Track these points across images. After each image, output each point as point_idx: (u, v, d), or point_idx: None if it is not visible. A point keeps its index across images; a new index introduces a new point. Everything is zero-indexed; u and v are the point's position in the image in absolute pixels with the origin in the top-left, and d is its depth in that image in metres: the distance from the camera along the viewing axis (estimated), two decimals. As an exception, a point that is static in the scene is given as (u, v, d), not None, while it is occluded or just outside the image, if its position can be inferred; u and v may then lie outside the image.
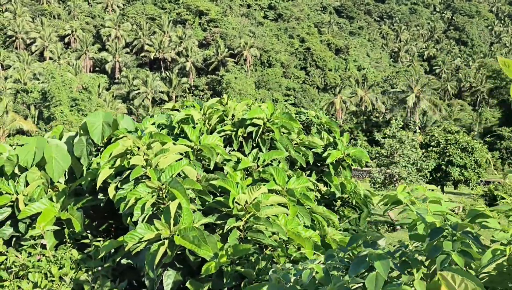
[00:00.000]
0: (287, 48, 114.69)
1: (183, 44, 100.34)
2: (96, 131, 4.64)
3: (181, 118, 4.93)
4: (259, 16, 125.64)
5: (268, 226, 3.36)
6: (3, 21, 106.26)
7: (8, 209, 4.32)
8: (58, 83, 75.16)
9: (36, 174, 4.50)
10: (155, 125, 4.92)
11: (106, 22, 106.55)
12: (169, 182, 3.37)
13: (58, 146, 4.62)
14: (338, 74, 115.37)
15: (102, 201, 4.27)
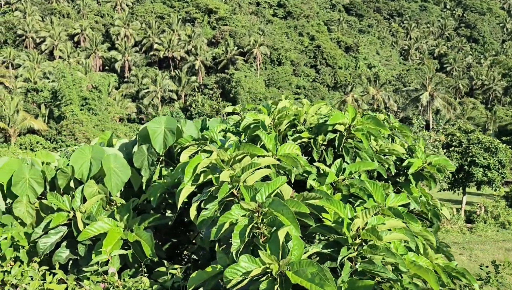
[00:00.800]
0: (296, 46, 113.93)
1: (192, 42, 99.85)
2: (158, 138, 4.11)
3: (249, 123, 4.39)
4: (268, 14, 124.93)
5: (389, 256, 2.80)
6: (13, 20, 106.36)
7: (63, 229, 3.80)
8: (68, 82, 74.94)
9: (93, 188, 3.98)
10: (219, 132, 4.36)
11: (116, 21, 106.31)
12: (268, 203, 2.82)
13: (116, 156, 4.09)
14: (348, 72, 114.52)
15: (170, 220, 3.74)
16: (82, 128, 72.15)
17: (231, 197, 3.18)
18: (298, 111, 4.52)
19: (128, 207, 3.75)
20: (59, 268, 3.73)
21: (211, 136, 3.92)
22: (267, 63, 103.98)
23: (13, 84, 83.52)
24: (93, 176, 4.00)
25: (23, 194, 3.91)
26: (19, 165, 4.01)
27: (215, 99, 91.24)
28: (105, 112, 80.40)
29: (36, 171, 3.97)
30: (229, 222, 2.83)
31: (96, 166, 3.97)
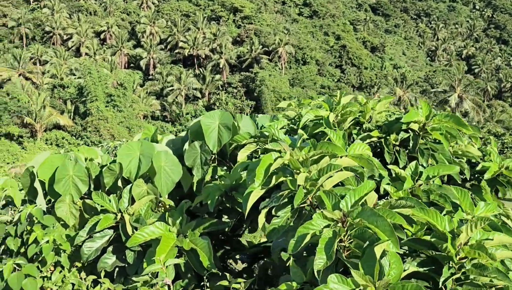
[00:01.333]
0: (322, 45, 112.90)
1: (217, 41, 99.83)
2: (212, 135, 3.72)
3: (309, 119, 3.97)
4: (293, 13, 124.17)
5: (501, 279, 2.35)
6: (41, 17, 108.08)
7: (110, 232, 3.45)
8: (94, 79, 75.73)
9: (142, 188, 3.62)
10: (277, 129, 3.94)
11: (142, 18, 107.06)
12: (357, 213, 2.39)
13: (167, 154, 3.71)
14: (374, 73, 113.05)
15: (227, 225, 3.35)
16: (107, 125, 72.86)
17: (304, 204, 2.77)
18: (364, 108, 4.07)
19: (181, 210, 3.37)
20: (105, 276, 3.38)
21: (272, 133, 3.51)
22: (292, 62, 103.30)
23: (40, 80, 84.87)
24: (141, 175, 3.65)
25: (66, 193, 3.56)
26: (62, 161, 3.67)
27: (239, 97, 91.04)
28: (130, 109, 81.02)
29: (81, 168, 3.63)
30: (310, 234, 2.41)
31: (145, 164, 3.60)
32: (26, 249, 3.51)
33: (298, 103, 4.74)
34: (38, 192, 3.65)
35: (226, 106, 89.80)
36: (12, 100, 67.10)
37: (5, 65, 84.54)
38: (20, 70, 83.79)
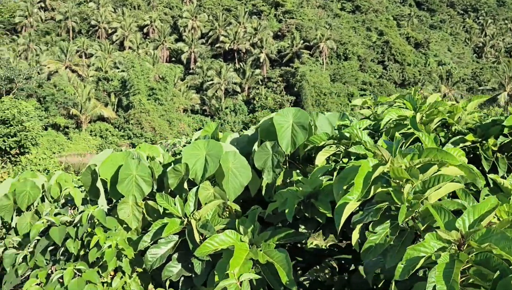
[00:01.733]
0: (364, 41, 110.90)
1: (258, 35, 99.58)
2: (285, 135, 3.37)
3: (391, 119, 3.56)
4: (336, 7, 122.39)
5: None
6: (87, 11, 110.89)
7: (175, 238, 3.17)
8: (137, 72, 77.01)
9: (209, 191, 3.32)
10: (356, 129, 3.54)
11: (184, 13, 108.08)
12: (481, 235, 1.99)
13: (236, 154, 3.40)
14: (417, 69, 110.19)
15: (305, 237, 3.00)
16: (148, 118, 74.04)
17: (412, 221, 2.39)
18: (454, 107, 3.63)
19: (253, 218, 3.05)
20: (170, 286, 3.11)
21: (355, 134, 3.14)
22: (333, 57, 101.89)
23: (85, 72, 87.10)
24: (208, 177, 3.35)
25: (129, 193, 3.31)
26: (125, 160, 3.42)
27: (278, 92, 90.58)
28: (171, 103, 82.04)
29: (144, 167, 3.37)
30: (424, 258, 2.03)
31: (213, 165, 3.30)
32: (87, 252, 3.28)
33: (374, 100, 4.32)
34: (100, 192, 3.41)
35: (266, 100, 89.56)
36: (59, 92, 69.11)
37: (52, 57, 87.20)
38: (66, 63, 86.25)
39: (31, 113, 21.10)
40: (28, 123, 19.77)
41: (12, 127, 19.85)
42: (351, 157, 3.21)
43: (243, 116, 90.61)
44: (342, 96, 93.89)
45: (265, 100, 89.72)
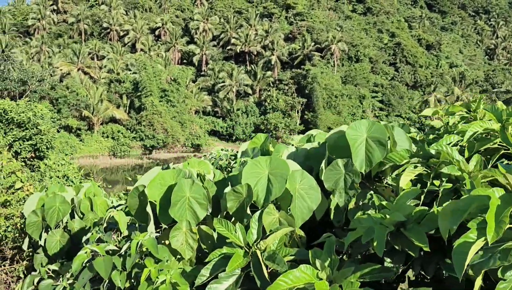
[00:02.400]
0: (375, 42, 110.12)
1: (269, 37, 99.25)
2: (359, 151, 2.95)
3: (476, 133, 3.12)
4: (347, 9, 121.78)
5: None
6: (99, 14, 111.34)
7: (238, 271, 2.74)
8: (149, 74, 76.99)
9: (274, 216, 2.90)
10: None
11: (195, 15, 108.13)
12: None
13: (303, 174, 2.97)
14: (429, 71, 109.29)
15: (393, 273, 2.56)
16: (160, 119, 73.94)
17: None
18: (547, 120, 3.16)
19: (330, 250, 2.62)
20: (232, 327, 2.68)
21: (445, 152, 2.70)
22: (345, 59, 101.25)
23: (97, 74, 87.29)
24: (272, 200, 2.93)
25: (182, 219, 2.90)
26: (177, 179, 3.01)
27: (290, 94, 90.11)
28: (183, 104, 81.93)
29: (199, 188, 2.94)
30: None
31: (278, 187, 2.88)
32: (133, 284, 2.86)
33: (445, 110, 3.86)
34: (150, 218, 3.00)
35: (277, 102, 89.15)
36: (71, 94, 69.22)
37: (65, 60, 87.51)
38: (79, 65, 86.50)
39: (46, 116, 20.83)
40: (44, 126, 19.48)
41: (27, 130, 19.57)
42: (442, 179, 2.76)
43: (255, 117, 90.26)
44: (353, 98, 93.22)
45: (276, 102, 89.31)
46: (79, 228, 4.61)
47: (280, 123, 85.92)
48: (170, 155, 73.77)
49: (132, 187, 7.86)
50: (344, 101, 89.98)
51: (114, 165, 62.26)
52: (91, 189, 5.18)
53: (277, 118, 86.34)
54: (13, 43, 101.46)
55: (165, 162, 70.66)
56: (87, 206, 4.80)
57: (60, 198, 4.57)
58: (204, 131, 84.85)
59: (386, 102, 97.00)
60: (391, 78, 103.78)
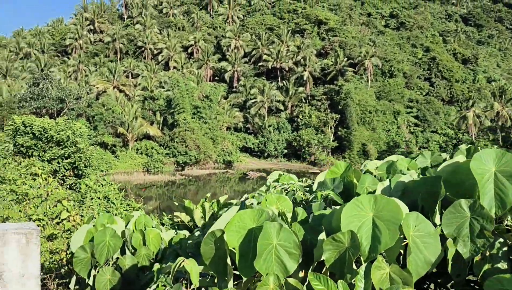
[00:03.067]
0: (409, 57, 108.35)
1: (301, 53, 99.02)
2: (487, 189, 2.36)
3: None
4: (379, 24, 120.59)
5: None
6: (134, 33, 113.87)
7: None
8: (182, 91, 77.71)
9: (384, 270, 2.33)
10: None
11: (227, 32, 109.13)
12: None
13: (419, 217, 2.40)
14: (466, 86, 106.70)
15: None
16: (192, 136, 74.27)
17: None
18: None
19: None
20: None
21: None
22: (378, 75, 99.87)
23: (132, 92, 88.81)
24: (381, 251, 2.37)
25: (269, 271, 2.36)
26: (258, 221, 2.48)
27: (323, 110, 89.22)
28: (214, 121, 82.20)
29: (288, 234, 2.39)
30: None
31: (389, 234, 2.30)
32: None
33: None
34: (230, 272, 2.47)
35: (310, 119, 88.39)
36: (107, 111, 70.39)
37: (101, 78, 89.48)
38: (114, 83, 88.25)
39: (84, 134, 20.84)
40: (82, 144, 19.45)
41: (66, 149, 19.57)
42: None
43: (287, 134, 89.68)
44: (388, 114, 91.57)
45: (309, 118, 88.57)
46: (131, 265, 4.13)
47: (313, 139, 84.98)
48: (202, 172, 73.83)
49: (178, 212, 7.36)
50: (378, 117, 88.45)
51: (148, 181, 62.59)
52: (142, 219, 4.72)
53: (309, 135, 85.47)
54: (52, 62, 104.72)
55: (197, 178, 70.84)
56: (139, 240, 4.33)
57: (110, 232, 4.11)
58: (235, 147, 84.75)
59: (422, 118, 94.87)
60: (426, 93, 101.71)
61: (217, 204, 6.74)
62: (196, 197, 57.35)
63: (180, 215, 7.15)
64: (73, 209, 5.03)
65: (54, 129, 20.60)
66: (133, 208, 10.83)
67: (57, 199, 5.26)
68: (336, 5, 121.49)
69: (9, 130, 21.68)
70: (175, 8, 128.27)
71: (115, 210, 10.21)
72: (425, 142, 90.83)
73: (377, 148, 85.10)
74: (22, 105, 64.19)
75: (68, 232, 4.91)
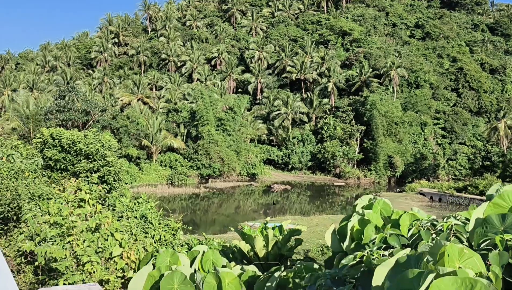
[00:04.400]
0: (436, 68, 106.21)
1: (325, 64, 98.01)
2: None
3: None
4: (404, 35, 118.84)
5: None
6: (158, 46, 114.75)
7: None
8: (206, 103, 77.39)
9: None
10: None
11: (250, 44, 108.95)
12: None
13: None
14: (494, 96, 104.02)
15: None
16: (216, 148, 73.70)
17: None
18: None
19: None
20: None
21: None
22: (404, 85, 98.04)
23: (156, 104, 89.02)
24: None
25: None
26: None
27: (348, 122, 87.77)
28: (238, 133, 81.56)
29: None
30: None
31: None
32: None
33: None
34: None
35: (335, 130, 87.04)
36: (131, 123, 70.43)
37: (125, 90, 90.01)
38: (138, 95, 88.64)
39: (114, 146, 20.20)
40: (112, 157, 18.78)
41: (95, 162, 18.92)
42: None
43: (311, 146, 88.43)
44: (414, 125, 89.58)
45: (333, 129, 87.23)
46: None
47: (338, 151, 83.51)
48: (226, 184, 73.06)
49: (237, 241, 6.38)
50: (405, 129, 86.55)
51: (172, 194, 62.07)
52: (209, 257, 3.80)
53: (334, 146, 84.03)
54: (77, 75, 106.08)
55: (221, 191, 69.98)
56: (214, 286, 3.41)
57: (179, 277, 3.19)
58: (259, 160, 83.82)
59: (449, 129, 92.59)
60: (454, 104, 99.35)
61: (280, 231, 5.80)
62: (219, 210, 56.41)
63: (239, 244, 6.14)
64: (127, 243, 4.17)
65: (83, 142, 20.03)
66: (172, 229, 9.93)
67: (109, 231, 4.40)
68: (360, 16, 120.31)
69: (37, 142, 21.23)
70: (199, 20, 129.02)
71: (153, 231, 9.34)
72: (452, 154, 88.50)
73: (404, 160, 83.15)
74: (48, 117, 64.64)
75: (120, 271, 4.02)
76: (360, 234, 3.57)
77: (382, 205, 4.04)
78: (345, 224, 3.94)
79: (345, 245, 3.60)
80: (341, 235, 3.94)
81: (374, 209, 3.98)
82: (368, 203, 4.21)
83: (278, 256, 5.12)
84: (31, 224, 6.96)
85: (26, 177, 13.64)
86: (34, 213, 7.04)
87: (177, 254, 3.72)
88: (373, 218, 3.68)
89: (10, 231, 10.82)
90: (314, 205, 59.08)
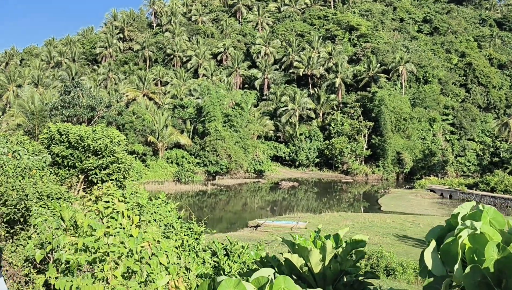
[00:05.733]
0: (444, 63, 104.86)
1: (333, 60, 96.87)
2: None
3: None
4: (412, 30, 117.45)
5: None
6: (163, 41, 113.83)
7: None
8: (213, 99, 76.45)
9: None
10: None
11: (257, 39, 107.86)
12: None
13: None
14: (503, 92, 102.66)
15: None
16: (223, 145, 72.82)
17: None
18: None
19: None
20: None
21: None
22: (412, 81, 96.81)
23: (162, 100, 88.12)
24: None
25: None
26: None
27: (355, 118, 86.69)
28: (245, 129, 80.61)
29: None
30: None
31: None
32: None
33: None
34: None
35: (342, 126, 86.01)
36: (137, 119, 69.64)
37: (130, 86, 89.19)
38: (144, 91, 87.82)
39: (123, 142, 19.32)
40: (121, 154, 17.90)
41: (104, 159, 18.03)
42: None
43: (319, 142, 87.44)
44: (423, 121, 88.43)
45: (341, 126, 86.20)
46: None
47: (346, 148, 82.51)
48: (233, 181, 72.25)
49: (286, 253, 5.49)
50: (413, 124, 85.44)
51: (179, 191, 61.30)
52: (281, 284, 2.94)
53: (342, 143, 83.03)
54: (82, 70, 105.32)
55: (228, 188, 69.11)
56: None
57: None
58: (266, 156, 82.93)
59: (458, 125, 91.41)
60: (462, 99, 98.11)
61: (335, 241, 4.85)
62: (227, 207, 55.60)
63: (291, 258, 5.15)
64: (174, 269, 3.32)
65: (91, 137, 19.17)
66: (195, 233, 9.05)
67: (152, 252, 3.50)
68: (367, 10, 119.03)
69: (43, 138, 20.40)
70: (204, 15, 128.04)
71: (175, 235, 8.47)
72: (461, 150, 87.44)
73: (412, 156, 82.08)
74: (53, 113, 63.98)
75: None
76: (473, 254, 2.57)
77: (493, 214, 3.14)
78: (452, 241, 2.99)
79: (456, 268, 2.59)
80: (446, 255, 2.95)
81: (483, 220, 3.08)
82: (470, 212, 3.32)
83: (339, 272, 4.07)
84: (41, 229, 6.11)
85: (33, 175, 12.83)
86: (45, 217, 6.17)
87: (243, 284, 2.84)
88: (489, 233, 2.66)
89: (16, 234, 9.95)
90: (322, 202, 58.26)
